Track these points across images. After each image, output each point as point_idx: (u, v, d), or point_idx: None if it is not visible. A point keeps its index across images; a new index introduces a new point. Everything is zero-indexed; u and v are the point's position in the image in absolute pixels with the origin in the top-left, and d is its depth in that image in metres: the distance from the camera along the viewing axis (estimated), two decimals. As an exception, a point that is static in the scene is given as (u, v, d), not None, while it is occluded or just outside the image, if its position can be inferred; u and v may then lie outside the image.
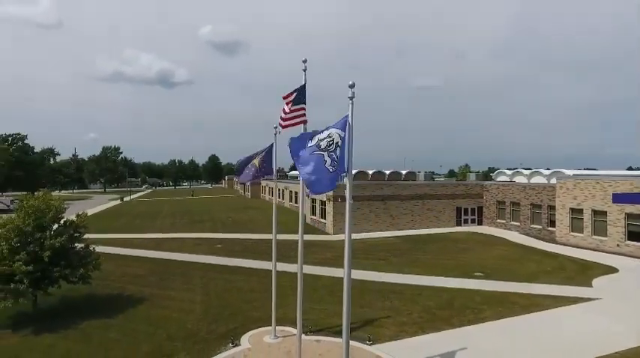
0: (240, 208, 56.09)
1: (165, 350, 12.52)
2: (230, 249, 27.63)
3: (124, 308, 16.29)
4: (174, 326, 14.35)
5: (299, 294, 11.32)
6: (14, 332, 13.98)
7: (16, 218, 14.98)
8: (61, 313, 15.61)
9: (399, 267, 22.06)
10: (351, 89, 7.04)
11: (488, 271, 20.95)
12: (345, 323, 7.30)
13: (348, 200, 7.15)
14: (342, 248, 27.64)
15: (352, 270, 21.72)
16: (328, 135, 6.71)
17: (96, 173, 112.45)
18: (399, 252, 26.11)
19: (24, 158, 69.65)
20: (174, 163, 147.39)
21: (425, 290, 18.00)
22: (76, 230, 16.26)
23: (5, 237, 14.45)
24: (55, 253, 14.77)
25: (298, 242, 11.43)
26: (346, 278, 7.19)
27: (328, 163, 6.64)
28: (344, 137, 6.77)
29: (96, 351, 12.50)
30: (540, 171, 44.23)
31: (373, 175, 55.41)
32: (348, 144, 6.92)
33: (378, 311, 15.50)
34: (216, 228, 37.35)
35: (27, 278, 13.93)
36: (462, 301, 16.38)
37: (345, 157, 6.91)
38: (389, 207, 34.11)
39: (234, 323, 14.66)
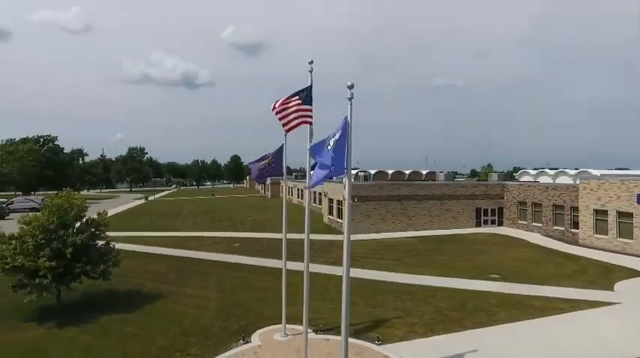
0: (260, 208, 56.75)
1: (179, 344, 12.90)
2: (247, 248, 28.06)
3: (142, 303, 16.83)
4: (188, 322, 14.75)
5: (305, 293, 11.47)
6: (39, 324, 14.66)
7: (41, 216, 15.72)
8: (82, 307, 16.25)
9: (414, 268, 21.92)
10: (350, 90, 7.14)
11: (505, 273, 20.57)
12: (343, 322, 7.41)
13: (348, 199, 7.25)
14: (358, 248, 27.93)
15: (365, 271, 21.84)
16: (332, 137, 6.85)
17: (122, 173, 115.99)
18: (415, 253, 25.92)
19: (54, 158, 72.58)
20: (197, 163, 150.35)
21: (438, 291, 17.86)
22: (97, 228, 16.91)
23: (31, 234, 15.17)
24: (76, 250, 15.41)
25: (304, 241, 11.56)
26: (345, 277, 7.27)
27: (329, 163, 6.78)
28: (341, 138, 6.87)
29: (114, 345, 12.98)
30: (566, 171, 42.97)
31: (393, 175, 55.10)
32: (347, 145, 7.01)
33: (389, 311, 15.49)
34: (235, 227, 37.98)
35: (50, 274, 14.61)
36: (475, 303, 16.17)
37: (345, 157, 7.00)
38: (406, 208, 33.87)
39: (246, 320, 14.93)
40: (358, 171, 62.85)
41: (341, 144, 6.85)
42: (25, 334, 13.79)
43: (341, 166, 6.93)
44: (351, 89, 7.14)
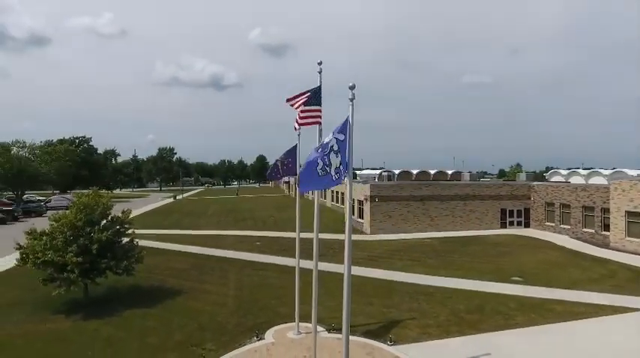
0: (283, 207, 57.28)
1: (195, 339, 13.29)
2: (268, 247, 28.46)
3: (163, 299, 17.40)
4: (206, 318, 15.16)
5: (314, 292, 11.58)
6: (66, 317, 15.43)
7: (70, 214, 16.54)
8: (107, 301, 16.98)
9: (433, 269, 21.65)
10: (352, 91, 7.20)
11: (527, 276, 20.02)
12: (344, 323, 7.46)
13: (348, 200, 7.32)
14: (378, 248, 27.86)
15: (383, 271, 21.69)
16: (330, 139, 6.92)
17: (153, 172, 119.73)
18: (435, 254, 25.57)
19: (89, 158, 75.88)
20: (223, 163, 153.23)
21: (456, 293, 17.59)
22: (121, 225, 17.63)
23: (60, 231, 15.99)
24: (102, 246, 16.12)
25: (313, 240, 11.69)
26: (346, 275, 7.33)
27: (320, 166, 6.82)
28: (343, 140, 6.94)
29: (134, 337, 13.51)
30: (600, 171, 41.23)
31: (417, 175, 54.45)
32: (348, 146, 7.08)
33: (404, 312, 15.40)
34: (257, 227, 38.56)
35: (77, 269, 15.34)
36: (493, 306, 15.85)
37: (346, 158, 7.07)
38: (428, 208, 33.42)
39: (262, 317, 15.20)
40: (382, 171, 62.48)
41: (344, 147, 6.93)
42: (53, 325, 14.56)
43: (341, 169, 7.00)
44: (352, 89, 7.20)
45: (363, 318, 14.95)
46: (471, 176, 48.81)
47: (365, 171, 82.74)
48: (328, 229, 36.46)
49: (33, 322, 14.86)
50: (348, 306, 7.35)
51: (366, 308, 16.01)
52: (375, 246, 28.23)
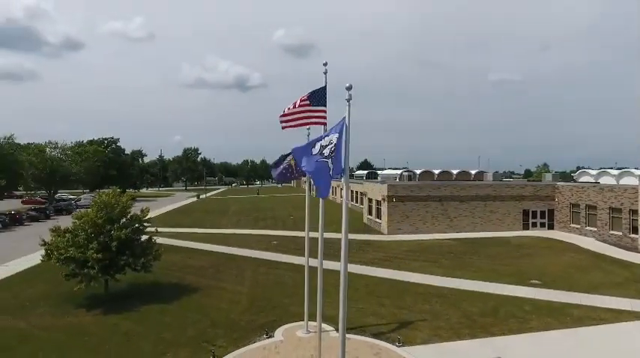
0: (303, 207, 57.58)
1: (207, 335, 13.60)
2: (285, 246, 28.70)
3: (180, 296, 17.85)
4: (220, 315, 15.47)
5: (319, 292, 11.66)
6: (87, 311, 16.06)
7: (91, 212, 17.20)
8: (127, 297, 17.54)
9: (449, 270, 21.35)
10: (348, 91, 7.25)
11: (547, 279, 19.46)
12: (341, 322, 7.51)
13: (345, 199, 7.37)
14: (394, 248, 27.65)
15: (398, 271, 21.49)
16: (329, 141, 7.00)
17: (178, 172, 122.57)
18: (453, 255, 25.19)
19: (117, 159, 78.44)
20: (246, 163, 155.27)
21: (471, 295, 17.31)
22: (140, 223, 18.20)
23: (82, 228, 16.67)
24: (121, 243, 16.70)
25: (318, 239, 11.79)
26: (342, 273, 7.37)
27: (331, 169, 6.94)
28: (340, 140, 7.00)
29: (150, 332, 13.94)
30: (633, 171, 39.47)
31: (440, 175, 53.71)
32: (345, 146, 7.13)
33: (416, 313, 15.28)
34: (276, 226, 38.94)
35: (97, 265, 15.96)
36: (508, 309, 15.51)
37: (342, 158, 7.13)
38: (447, 208, 32.91)
39: (273, 315, 15.38)
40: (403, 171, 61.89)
41: (339, 147, 6.99)
42: (74, 319, 15.19)
43: (337, 168, 7.06)
44: (349, 90, 7.25)
45: (374, 319, 14.93)
46: (494, 176, 47.73)
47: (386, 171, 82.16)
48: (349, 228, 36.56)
49: (56, 315, 15.55)
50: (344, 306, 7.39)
51: (377, 308, 15.97)
52: (391, 247, 28.04)
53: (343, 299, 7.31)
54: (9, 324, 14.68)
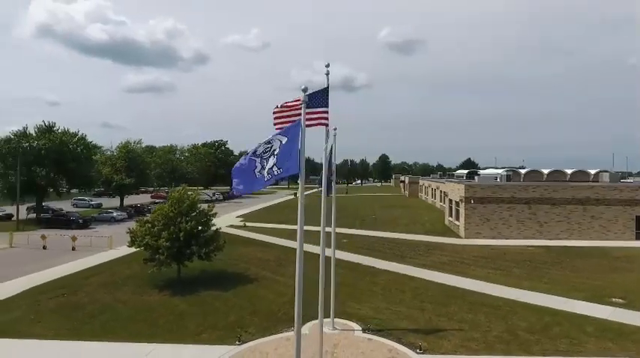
0: (390, 206, 56.85)
1: (243, 322, 14.80)
2: (353, 245, 28.95)
3: (237, 285, 19.52)
4: (263, 305, 16.62)
5: (320, 290, 11.85)
6: (159, 292, 18.60)
7: (166, 206, 19.84)
8: (193, 282, 19.79)
9: (517, 280, 19.39)
10: (304, 93, 7.47)
11: (633, 297, 16.46)
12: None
13: (301, 200, 7.60)
14: (464, 253, 26.18)
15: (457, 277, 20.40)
16: (268, 141, 7.33)
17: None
18: (530, 265, 22.66)
19: (226, 159, 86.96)
20: (346, 163, 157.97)
21: (528, 308, 15.61)
22: (206, 217, 20.36)
23: (157, 220, 19.37)
24: (188, 234, 18.97)
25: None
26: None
27: (258, 169, 7.26)
28: (288, 143, 7.26)
29: (199, 314, 15.66)
30: None
31: (550, 174, 48.14)
32: (299, 149, 7.37)
33: (455, 322, 14.42)
34: (353, 225, 39.28)
35: (166, 252, 18.41)
36: (565, 328, 13.66)
37: (296, 159, 7.39)
38: (536, 212, 29.49)
39: (310, 310, 15.73)
40: (504, 171, 56.66)
41: (288, 148, 7.26)
42: (147, 298, 17.75)
43: (289, 169, 7.32)
44: (305, 92, 7.46)
45: (407, 323, 14.52)
46: (611, 176, 40.90)
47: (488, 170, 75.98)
48: (424, 230, 35.25)
49: (135, 293, 18.37)
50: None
51: (415, 313, 15.45)
52: (461, 251, 26.33)
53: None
54: (98, 297, 17.83)
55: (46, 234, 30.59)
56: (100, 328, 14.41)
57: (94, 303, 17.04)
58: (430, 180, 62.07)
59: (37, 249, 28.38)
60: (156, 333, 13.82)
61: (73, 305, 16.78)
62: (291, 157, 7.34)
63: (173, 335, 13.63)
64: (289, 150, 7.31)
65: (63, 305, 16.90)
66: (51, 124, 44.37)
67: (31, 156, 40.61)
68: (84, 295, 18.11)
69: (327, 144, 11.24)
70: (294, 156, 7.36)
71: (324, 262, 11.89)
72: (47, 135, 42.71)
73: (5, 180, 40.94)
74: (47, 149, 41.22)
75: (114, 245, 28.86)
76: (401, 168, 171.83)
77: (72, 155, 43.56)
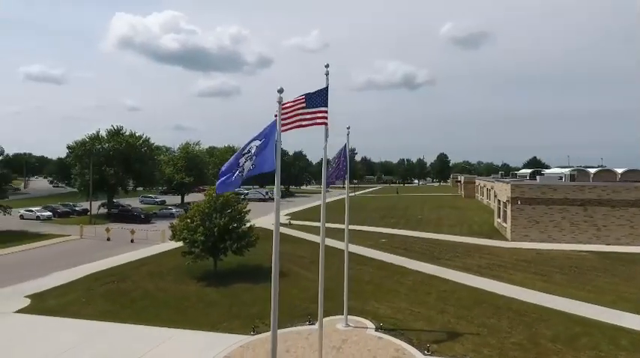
0: (440, 207, 55.06)
1: (263, 314, 15.23)
2: (390, 245, 28.71)
3: (267, 279, 20.01)
4: (286, 299, 17.08)
5: (320, 290, 12.06)
6: (197, 282, 19.91)
7: (203, 203, 21.17)
8: (228, 275, 20.88)
9: (555, 287, 18.16)
10: (280, 94, 7.84)
11: (692, 312, 14.70)
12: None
13: (277, 196, 7.97)
14: (505, 256, 25.16)
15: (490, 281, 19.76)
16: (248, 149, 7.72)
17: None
18: (576, 271, 21.00)
19: (282, 159, 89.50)
20: (402, 162, 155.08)
21: (557, 316, 14.64)
22: (240, 214, 21.40)
23: (195, 216, 20.75)
24: (222, 230, 20.12)
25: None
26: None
27: (238, 170, 7.72)
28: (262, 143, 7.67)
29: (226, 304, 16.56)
30: None
31: (625, 174, 44.10)
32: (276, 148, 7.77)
33: (474, 326, 13.96)
34: (397, 225, 38.77)
35: (201, 246, 19.68)
36: (595, 339, 12.67)
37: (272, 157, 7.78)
38: (592, 215, 27.09)
39: (330, 306, 16.17)
40: (572, 170, 52.48)
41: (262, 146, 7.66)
42: (184, 287, 19.12)
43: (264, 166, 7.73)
44: (280, 93, 7.83)
45: (423, 324, 14.32)
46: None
47: (553, 169, 70.71)
48: (469, 231, 33.88)
49: (175, 282, 19.87)
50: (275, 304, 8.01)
51: (434, 314, 15.16)
52: (503, 254, 25.01)
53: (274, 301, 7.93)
54: (142, 285, 19.52)
55: (110, 228, 33.87)
56: (136, 312, 15.86)
57: (137, 290, 18.71)
58: (485, 180, 59.15)
59: (102, 240, 31.55)
60: (182, 320, 14.93)
61: (120, 291, 18.56)
62: (265, 155, 7.74)
63: (197, 322, 14.64)
64: (263, 148, 7.72)
65: (111, 290, 18.75)
66: (119, 127, 48.82)
67: (102, 157, 45.05)
68: (131, 283, 19.93)
69: (326, 142, 11.45)
70: (268, 154, 7.75)
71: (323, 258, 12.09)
72: (115, 137, 47.07)
73: (82, 179, 45.78)
74: (115, 150, 45.46)
75: (166, 239, 31.18)
76: (462, 167, 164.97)
77: (137, 156, 47.60)
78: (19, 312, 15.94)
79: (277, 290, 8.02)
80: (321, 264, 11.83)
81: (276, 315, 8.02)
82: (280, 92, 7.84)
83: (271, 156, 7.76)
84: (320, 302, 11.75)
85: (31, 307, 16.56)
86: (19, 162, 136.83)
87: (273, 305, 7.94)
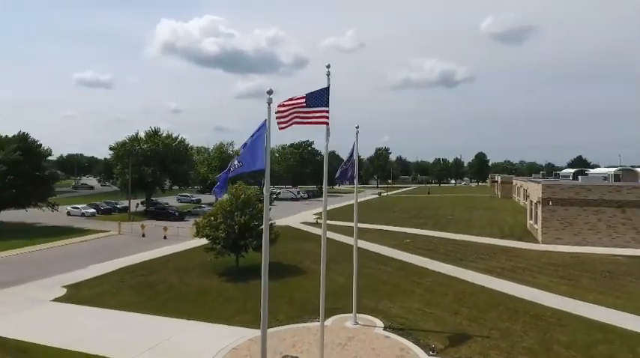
0: (471, 208, 53.49)
1: (277, 309, 15.79)
2: (414, 245, 28.38)
3: (287, 276, 20.75)
4: (301, 296, 17.55)
5: (322, 291, 12.21)
6: (219, 277, 20.66)
7: (225, 201, 21.93)
8: (249, 272, 21.40)
9: (582, 292, 17.39)
10: (269, 95, 8.15)
11: None
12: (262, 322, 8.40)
13: (266, 193, 8.27)
14: (532, 259, 24.40)
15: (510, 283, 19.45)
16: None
17: (370, 171, 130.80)
18: (608, 276, 19.92)
19: (312, 159, 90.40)
20: (438, 162, 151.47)
21: (578, 322, 14.06)
22: (260, 213, 21.96)
23: (217, 213, 21.53)
24: (242, 227, 20.77)
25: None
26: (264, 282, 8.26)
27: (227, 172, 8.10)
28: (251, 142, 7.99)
29: (242, 299, 17.13)
30: None
31: None
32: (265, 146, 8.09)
33: (485, 329, 13.70)
34: (424, 225, 38.16)
35: (222, 243, 20.42)
36: (614, 347, 12.10)
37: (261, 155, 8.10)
38: (631, 217, 25.46)
39: (342, 304, 16.43)
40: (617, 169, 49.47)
41: (253, 146, 7.98)
42: (207, 281, 19.90)
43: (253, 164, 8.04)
44: (270, 94, 8.12)
45: (433, 324, 14.20)
46: None
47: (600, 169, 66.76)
48: (499, 233, 32.82)
49: (199, 277, 20.72)
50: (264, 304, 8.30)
51: (446, 316, 14.96)
52: (533, 257, 24.07)
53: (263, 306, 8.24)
54: (169, 279, 20.48)
55: (145, 224, 35.65)
56: (159, 304, 16.72)
57: (163, 283, 19.70)
58: (522, 180, 56.82)
59: (137, 236, 33.29)
60: (200, 312, 15.60)
61: (147, 284, 19.61)
62: (255, 154, 8.06)
63: (213, 316, 15.25)
64: (253, 147, 8.05)
65: (140, 283, 19.84)
66: (156, 129, 51.16)
67: (140, 157, 47.41)
68: (159, 276, 20.99)
69: (327, 142, 11.63)
70: (258, 153, 8.07)
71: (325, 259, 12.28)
72: (153, 138, 49.38)
73: (122, 178, 48.44)
74: (152, 151, 47.69)
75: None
76: (502, 167, 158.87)
77: (173, 156, 49.71)
78: (55, 301, 17.26)
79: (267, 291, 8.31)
80: (323, 263, 12.05)
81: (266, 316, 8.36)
82: (270, 94, 8.14)
83: (261, 155, 8.08)
84: (322, 301, 11.99)
85: (66, 296, 17.87)
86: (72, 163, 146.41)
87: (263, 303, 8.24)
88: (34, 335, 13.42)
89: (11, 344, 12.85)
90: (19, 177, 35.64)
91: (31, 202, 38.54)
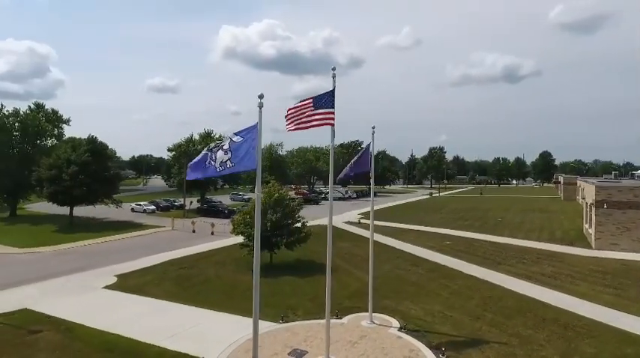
0: (527, 210, 50.36)
1: (298, 305, 16.39)
2: (452, 247, 27.61)
3: (315, 273, 21.15)
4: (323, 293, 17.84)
5: (327, 289, 12.43)
6: (252, 273, 21.46)
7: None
8: (281, 268, 22.23)
9: (627, 302, 16.19)
10: (260, 99, 8.66)
11: None
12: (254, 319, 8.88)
13: (257, 193, 8.77)
14: (578, 266, 23.21)
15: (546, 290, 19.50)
16: (222, 138, 8.72)
17: (423, 170, 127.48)
18: (663, 286, 18.08)
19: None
20: (497, 161, 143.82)
21: (612, 333, 13.15)
22: (290, 211, 22.68)
23: (251, 212, 22.54)
24: (273, 225, 21.61)
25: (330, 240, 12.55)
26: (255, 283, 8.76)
27: (208, 160, 8.68)
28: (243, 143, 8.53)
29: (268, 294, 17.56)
30: None
31: None
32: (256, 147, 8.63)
33: (505, 335, 13.24)
34: (469, 227, 36.76)
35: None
36: (644, 361, 11.11)
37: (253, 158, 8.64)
38: (702, 223, 22.72)
39: (362, 303, 16.57)
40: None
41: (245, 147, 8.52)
42: (239, 276, 20.97)
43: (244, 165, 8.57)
44: (261, 99, 8.61)
45: (450, 328, 13.98)
46: None
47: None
48: (550, 237, 30.86)
49: (233, 271, 21.88)
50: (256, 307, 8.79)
51: (467, 320, 14.61)
52: (579, 263, 22.43)
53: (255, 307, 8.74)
54: (206, 272, 21.82)
55: (195, 221, 37.97)
56: (193, 295, 17.97)
57: (200, 276, 21.06)
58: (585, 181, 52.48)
59: (188, 232, 35.57)
60: (227, 304, 16.55)
61: (186, 276, 21.08)
62: (247, 155, 8.61)
63: (239, 308, 16.06)
64: (246, 148, 8.61)
65: (180, 275, 21.37)
66: (209, 131, 54.18)
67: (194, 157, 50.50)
68: (197, 270, 22.44)
69: (332, 142, 11.92)
70: (250, 154, 8.61)
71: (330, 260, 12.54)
72: (206, 140, 52.33)
73: (179, 177, 51.86)
74: (205, 152, 50.61)
75: (239, 232, 34.08)
76: (571, 167, 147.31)
77: (224, 156, 52.34)
78: (105, 288, 19.17)
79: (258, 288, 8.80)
80: (329, 262, 12.35)
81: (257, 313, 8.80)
82: (261, 98, 8.64)
83: (252, 156, 8.61)
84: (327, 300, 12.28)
85: (115, 284, 19.76)
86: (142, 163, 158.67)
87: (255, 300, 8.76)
88: (81, 317, 15.10)
89: (61, 323, 14.60)
90: (88, 176, 39.53)
91: (98, 199, 42.54)
